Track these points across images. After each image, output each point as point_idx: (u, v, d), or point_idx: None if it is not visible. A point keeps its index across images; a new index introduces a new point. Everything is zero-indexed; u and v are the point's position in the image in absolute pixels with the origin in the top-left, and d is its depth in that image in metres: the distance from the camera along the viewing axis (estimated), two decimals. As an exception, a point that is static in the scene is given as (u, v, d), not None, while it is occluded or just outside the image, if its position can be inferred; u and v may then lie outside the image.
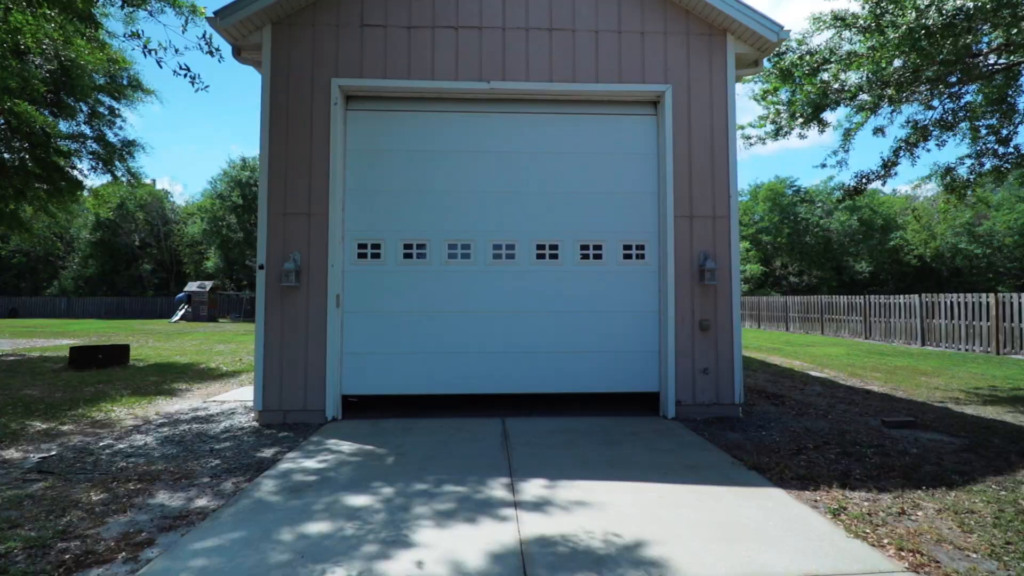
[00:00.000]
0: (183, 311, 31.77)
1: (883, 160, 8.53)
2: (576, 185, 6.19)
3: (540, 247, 6.14)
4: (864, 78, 7.64)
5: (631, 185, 6.21)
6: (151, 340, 17.29)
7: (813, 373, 9.53)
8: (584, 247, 6.16)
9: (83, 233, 42.58)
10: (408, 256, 6.07)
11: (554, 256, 6.15)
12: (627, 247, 6.17)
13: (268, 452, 4.70)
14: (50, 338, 18.14)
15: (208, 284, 33.01)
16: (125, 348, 10.77)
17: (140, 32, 5.65)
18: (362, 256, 6.05)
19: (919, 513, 3.40)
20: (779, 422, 5.75)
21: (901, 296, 16.53)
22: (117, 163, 12.00)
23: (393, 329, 6.01)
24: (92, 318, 36.19)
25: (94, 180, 47.40)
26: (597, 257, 6.17)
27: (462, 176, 6.15)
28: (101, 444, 5.00)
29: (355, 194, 6.04)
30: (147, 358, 11.89)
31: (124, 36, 8.93)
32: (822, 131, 8.63)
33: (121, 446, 4.94)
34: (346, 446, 4.79)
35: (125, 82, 11.73)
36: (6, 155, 10.59)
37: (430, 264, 6.07)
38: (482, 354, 6.04)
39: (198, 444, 4.97)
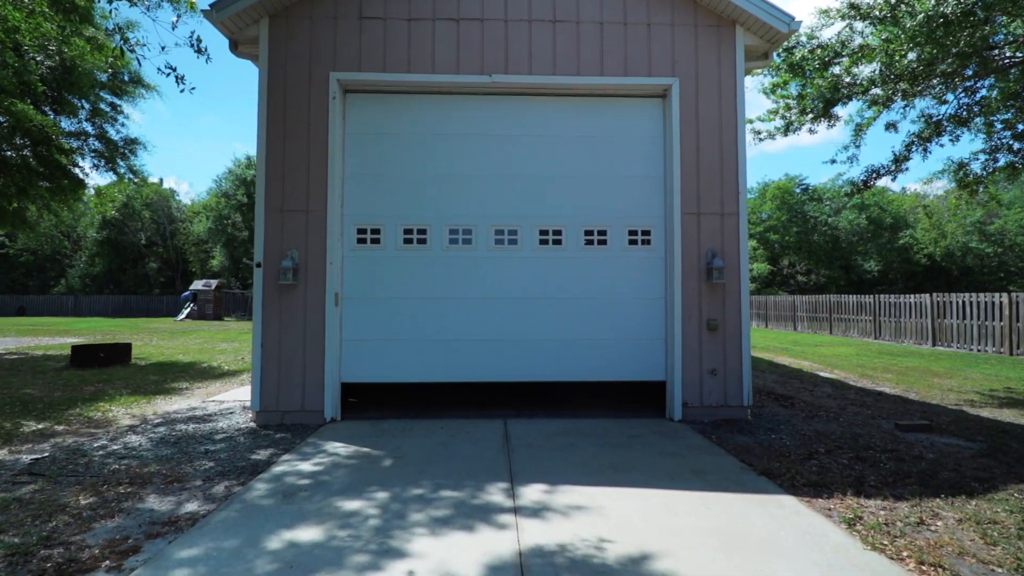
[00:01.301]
0: (188, 309, 31.84)
1: (894, 155, 8.32)
2: (580, 169, 6.04)
3: (543, 232, 6.00)
4: (877, 71, 7.44)
5: (637, 169, 6.05)
6: (155, 338, 17.28)
7: (823, 374, 9.34)
8: (588, 232, 6.01)
9: (90, 232, 42.79)
10: (408, 241, 5.95)
11: (557, 242, 6.01)
12: (632, 233, 6.02)
13: (263, 454, 4.59)
14: (55, 336, 18.18)
15: (213, 283, 33.08)
16: (127, 347, 10.73)
17: (121, 27, 5.51)
18: (361, 241, 5.93)
19: (939, 523, 3.24)
20: (789, 425, 5.59)
21: (911, 295, 16.27)
22: (119, 161, 11.95)
23: (393, 315, 5.88)
24: (99, 316, 36.37)
25: (97, 179, 47.77)
26: (602, 243, 6.02)
27: (463, 160, 6.02)
28: (95, 445, 4.90)
29: (354, 179, 5.92)
30: (149, 356, 11.85)
31: (107, 31, 8.79)
32: (831, 126, 8.43)
33: (115, 447, 4.84)
34: (343, 448, 4.67)
35: (126, 78, 11.66)
36: (8, 153, 10.55)
37: (431, 250, 5.95)
38: (483, 342, 5.91)
39: (193, 445, 4.87)
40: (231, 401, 6.82)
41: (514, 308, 5.95)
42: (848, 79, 7.86)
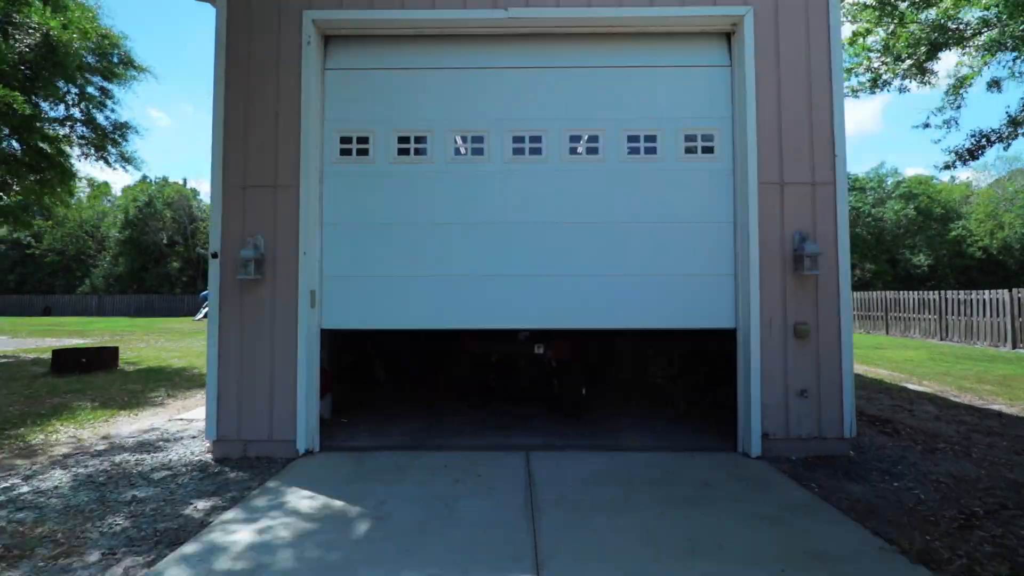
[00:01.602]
0: (207, 309, 31.46)
1: (1009, 116, 6.72)
2: (621, 57, 4.72)
3: (574, 139, 4.70)
4: (992, 8, 5.89)
5: (694, 57, 4.71)
6: (162, 340, 16.58)
7: (912, 387, 7.77)
8: (632, 138, 4.66)
9: (113, 231, 43.04)
10: (404, 152, 4.70)
11: (593, 151, 4.70)
12: (689, 138, 4.65)
13: (202, 507, 3.41)
14: (64, 337, 17.62)
15: (231, 281, 32.61)
16: (113, 351, 9.82)
17: None
18: (345, 153, 4.71)
19: None
20: (908, 464, 4.17)
21: (986, 292, 14.40)
22: (110, 147, 11.04)
23: (385, 246, 4.66)
24: (121, 316, 36.34)
25: (93, 171, 48.57)
26: (650, 151, 4.65)
27: (473, 52, 4.77)
28: (3, 487, 3.81)
29: (336, 73, 4.73)
30: (143, 360, 10.95)
31: None
32: (925, 82, 6.88)
33: (25, 490, 3.74)
34: (309, 501, 3.45)
35: (116, 60, 10.73)
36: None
37: (432, 162, 4.69)
38: (496, 277, 4.64)
39: (120, 490, 3.73)
40: (200, 420, 5.71)
41: (536, 235, 4.65)
42: (951, 24, 6.31)
